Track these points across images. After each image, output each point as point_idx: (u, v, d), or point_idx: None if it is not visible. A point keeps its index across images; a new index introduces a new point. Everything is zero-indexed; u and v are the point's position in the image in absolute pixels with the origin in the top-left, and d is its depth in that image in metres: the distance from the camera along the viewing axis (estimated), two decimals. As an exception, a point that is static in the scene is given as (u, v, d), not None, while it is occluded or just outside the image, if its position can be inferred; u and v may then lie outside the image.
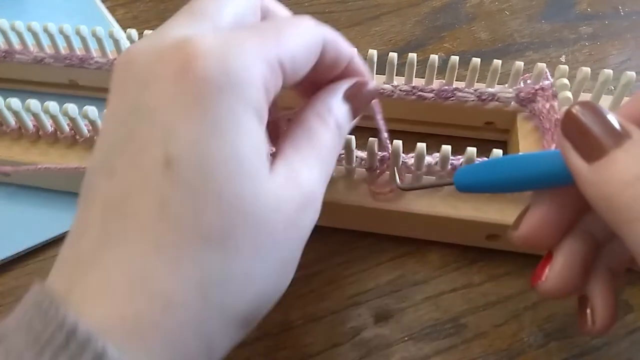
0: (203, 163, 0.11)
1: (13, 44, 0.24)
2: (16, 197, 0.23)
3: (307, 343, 0.18)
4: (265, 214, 0.12)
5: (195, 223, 0.11)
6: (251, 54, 0.12)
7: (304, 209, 0.13)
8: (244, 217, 0.11)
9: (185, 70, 0.11)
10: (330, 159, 0.15)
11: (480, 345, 0.18)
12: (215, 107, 0.11)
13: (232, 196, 0.11)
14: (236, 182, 0.11)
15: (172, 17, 0.14)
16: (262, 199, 0.12)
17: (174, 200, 0.11)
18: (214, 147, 0.11)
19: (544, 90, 0.21)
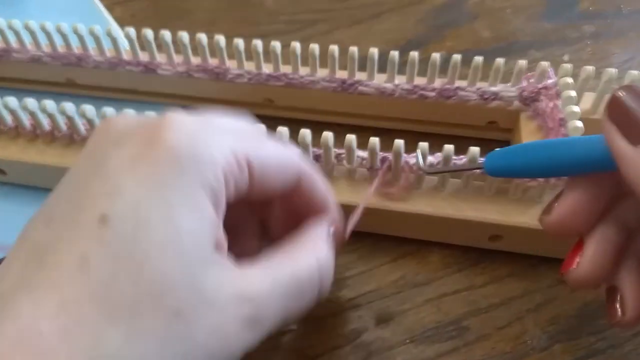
0: (136, 228, 0.11)
1: (10, 43, 0.24)
2: (13, 196, 0.23)
3: (307, 345, 0.18)
4: (185, 308, 0.11)
5: (107, 290, 0.10)
6: (220, 140, 0.12)
7: (237, 324, 0.12)
8: (159, 302, 0.11)
9: (154, 139, 0.12)
10: (302, 297, 0.13)
11: (483, 348, 0.18)
12: (169, 177, 0.11)
13: (153, 274, 0.11)
14: (163, 259, 0.11)
15: None
16: (187, 289, 0.11)
17: (96, 259, 0.10)
18: (155, 214, 0.11)
19: (548, 89, 0.21)
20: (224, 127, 0.13)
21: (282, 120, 0.24)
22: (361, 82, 0.22)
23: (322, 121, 0.24)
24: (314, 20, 0.29)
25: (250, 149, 0.13)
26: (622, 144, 0.11)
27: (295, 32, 0.29)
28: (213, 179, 0.12)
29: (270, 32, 0.29)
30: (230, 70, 0.23)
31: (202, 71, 0.23)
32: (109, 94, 0.25)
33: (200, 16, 0.30)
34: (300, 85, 0.23)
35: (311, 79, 0.22)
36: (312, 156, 0.19)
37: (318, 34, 0.28)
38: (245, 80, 0.23)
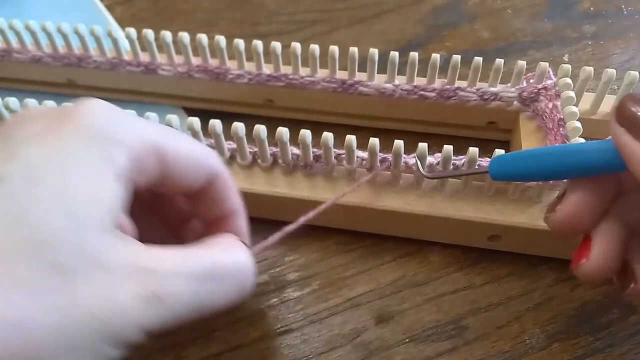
0: (27, 184, 0.11)
1: (11, 43, 0.24)
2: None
3: (307, 345, 0.18)
4: (73, 261, 0.10)
5: None
6: (133, 126, 0.13)
7: (130, 295, 0.11)
8: (40, 248, 0.10)
9: (67, 116, 0.12)
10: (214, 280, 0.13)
11: (482, 347, 0.18)
12: (73, 147, 0.11)
13: (37, 222, 0.10)
14: (51, 212, 0.11)
15: None
16: (77, 243, 0.11)
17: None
18: (49, 175, 0.11)
19: (547, 89, 0.21)
20: (139, 118, 0.13)
21: (282, 120, 0.24)
22: (361, 83, 0.22)
23: (322, 121, 0.24)
24: (314, 20, 0.29)
25: (162, 138, 0.13)
26: (632, 142, 0.12)
27: (295, 32, 0.29)
28: (120, 159, 0.12)
29: (270, 32, 0.29)
30: (230, 70, 0.23)
31: (202, 72, 0.23)
32: (109, 95, 0.25)
33: (200, 16, 0.30)
34: (300, 86, 0.23)
35: (311, 80, 0.22)
36: (312, 156, 0.20)
37: (318, 34, 0.28)
38: (245, 81, 0.23)
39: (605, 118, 0.22)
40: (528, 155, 0.14)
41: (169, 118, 0.19)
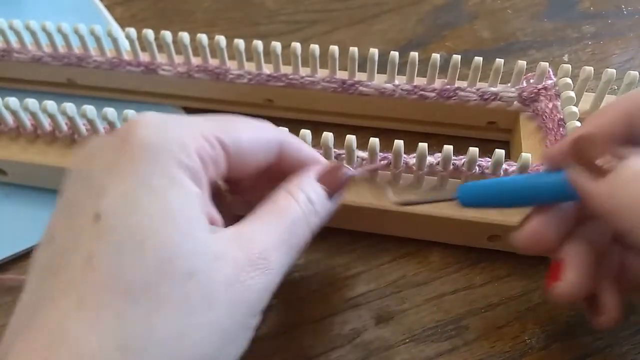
0: (129, 215, 0.11)
1: (11, 43, 0.24)
2: (14, 197, 0.23)
3: (307, 345, 0.18)
4: (197, 267, 0.11)
5: (118, 276, 0.11)
6: (188, 127, 0.13)
7: (250, 269, 0.12)
8: (169, 269, 0.11)
9: (125, 140, 0.12)
10: (296, 230, 0.14)
11: (482, 347, 0.18)
12: (146, 166, 0.12)
13: (157, 247, 0.11)
14: (163, 233, 0.11)
15: None
16: (193, 251, 0.11)
17: (99, 253, 0.11)
18: (143, 200, 0.12)
19: (547, 89, 0.21)
20: (189, 117, 0.14)
21: (282, 120, 0.24)
22: (361, 83, 0.22)
23: (322, 121, 0.24)
24: (314, 20, 0.29)
25: (219, 129, 0.13)
26: (587, 180, 0.13)
27: (295, 32, 0.29)
28: (188, 159, 0.12)
29: (270, 32, 0.29)
30: (230, 70, 0.23)
31: (202, 72, 0.23)
32: (109, 95, 0.25)
33: (200, 16, 0.30)
34: (300, 86, 0.23)
35: (311, 80, 0.22)
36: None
37: (318, 34, 0.28)
38: (245, 81, 0.23)
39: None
40: (495, 185, 0.15)
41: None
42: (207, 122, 0.13)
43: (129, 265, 0.11)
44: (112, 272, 0.11)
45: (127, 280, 0.11)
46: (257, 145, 0.14)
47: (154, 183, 0.12)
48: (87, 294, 0.11)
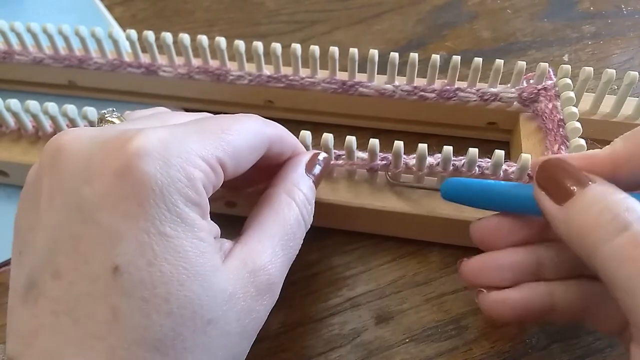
0: (149, 267, 0.12)
1: (12, 45, 0.24)
2: (16, 198, 0.23)
3: (307, 345, 0.18)
4: (215, 313, 0.12)
5: (146, 332, 0.11)
6: (190, 153, 0.12)
7: (259, 297, 0.13)
8: (193, 320, 0.12)
9: (127, 171, 0.12)
10: (295, 238, 0.15)
11: (482, 347, 0.18)
12: (157, 209, 0.12)
13: (180, 300, 0.12)
14: (182, 285, 0.12)
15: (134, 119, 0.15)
16: (211, 299, 0.12)
17: (125, 308, 0.11)
18: (160, 251, 0.12)
19: (547, 90, 0.21)
20: (187, 133, 0.13)
21: (283, 121, 0.24)
22: (361, 84, 0.22)
23: (322, 122, 0.24)
24: (314, 20, 0.29)
25: (219, 147, 0.13)
26: (550, 204, 0.13)
27: (295, 32, 0.29)
28: (195, 195, 0.12)
29: (270, 32, 0.29)
30: (230, 72, 0.23)
31: (202, 73, 0.23)
32: (110, 96, 0.25)
33: (200, 16, 0.30)
34: (300, 87, 0.23)
35: (311, 81, 0.22)
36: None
37: (318, 34, 0.28)
38: (245, 82, 0.23)
39: (605, 118, 0.22)
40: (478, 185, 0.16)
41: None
42: (205, 139, 0.13)
43: (157, 320, 0.11)
44: (139, 326, 0.11)
45: (155, 335, 0.11)
46: (251, 150, 0.14)
47: (167, 231, 0.12)
48: (116, 347, 0.11)
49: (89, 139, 0.13)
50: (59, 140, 0.13)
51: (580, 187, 0.13)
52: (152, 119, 0.15)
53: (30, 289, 0.12)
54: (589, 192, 0.13)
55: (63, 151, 0.13)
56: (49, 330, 0.12)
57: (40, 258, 0.12)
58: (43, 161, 0.13)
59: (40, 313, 0.12)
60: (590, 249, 0.12)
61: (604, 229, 0.12)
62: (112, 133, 0.13)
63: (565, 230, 0.13)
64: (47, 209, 0.12)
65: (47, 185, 0.13)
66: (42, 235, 0.12)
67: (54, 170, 0.13)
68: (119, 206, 0.12)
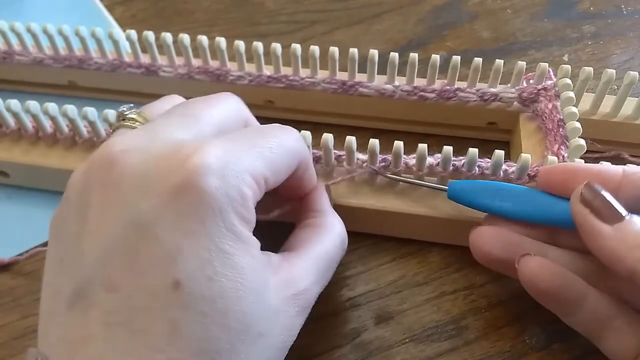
0: (208, 282, 0.12)
1: (13, 45, 0.24)
2: (16, 198, 0.23)
3: (307, 345, 0.18)
4: (265, 327, 0.13)
5: (204, 345, 0.12)
6: (245, 173, 0.13)
7: (297, 316, 0.14)
8: (246, 333, 0.12)
9: (187, 187, 0.12)
10: (333, 264, 0.16)
11: (482, 347, 0.18)
12: (215, 225, 0.12)
13: (237, 314, 0.12)
14: (239, 300, 0.12)
15: (161, 116, 0.15)
16: (262, 312, 0.13)
17: (184, 323, 0.12)
18: (217, 265, 0.12)
19: (547, 90, 0.21)
20: (240, 151, 0.13)
21: (283, 121, 0.24)
22: (361, 84, 0.22)
23: (322, 122, 0.24)
24: (314, 21, 0.29)
25: (268, 168, 0.14)
26: (599, 223, 0.14)
27: (295, 32, 0.29)
28: (248, 213, 0.13)
29: (270, 32, 0.29)
30: (231, 72, 0.23)
31: (203, 73, 0.23)
32: (110, 96, 0.25)
33: (200, 16, 0.30)
34: (300, 87, 0.23)
35: (311, 81, 0.23)
36: (313, 157, 0.20)
37: (318, 34, 0.28)
38: (245, 82, 0.23)
39: (605, 118, 0.22)
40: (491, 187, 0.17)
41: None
42: (253, 156, 0.13)
43: (215, 334, 0.12)
44: (198, 339, 0.12)
45: (213, 347, 0.12)
46: (288, 167, 0.15)
47: (226, 248, 0.12)
48: (177, 358, 0.11)
49: (143, 153, 0.13)
50: (110, 151, 0.13)
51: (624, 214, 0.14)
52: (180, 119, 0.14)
53: (79, 299, 0.12)
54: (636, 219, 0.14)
55: (117, 164, 0.13)
56: (102, 341, 0.12)
57: (91, 268, 0.12)
58: (92, 172, 0.13)
59: (91, 323, 0.12)
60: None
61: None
62: (166, 147, 0.13)
63: (615, 246, 0.14)
64: (99, 221, 0.12)
65: (98, 197, 0.13)
66: (92, 246, 0.12)
67: (107, 183, 0.13)
68: (180, 222, 0.12)
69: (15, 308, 0.20)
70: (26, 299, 0.20)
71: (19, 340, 0.19)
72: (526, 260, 0.16)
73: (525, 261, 0.16)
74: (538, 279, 0.15)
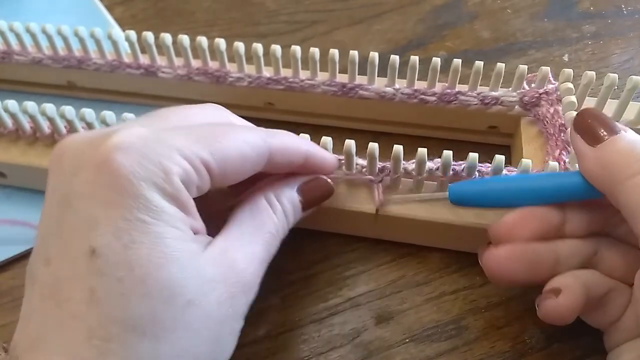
0: (126, 252, 0.12)
1: (11, 45, 0.24)
2: (15, 198, 0.23)
3: (307, 345, 0.18)
4: (193, 294, 0.13)
5: (123, 312, 0.12)
6: (171, 151, 0.13)
7: (238, 285, 0.14)
8: (171, 300, 0.12)
9: (105, 163, 0.13)
10: (272, 242, 0.15)
11: (482, 347, 0.18)
12: (133, 198, 0.12)
13: (156, 281, 0.12)
14: (160, 267, 0.12)
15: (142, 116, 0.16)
16: (189, 280, 0.13)
17: (101, 289, 0.12)
18: (134, 233, 0.12)
19: (548, 94, 0.21)
20: (171, 134, 0.13)
21: (282, 123, 0.24)
22: (361, 86, 0.22)
23: (322, 125, 0.24)
24: (314, 20, 0.29)
25: (205, 151, 0.14)
26: (584, 146, 0.15)
27: (295, 32, 0.29)
28: (171, 188, 0.13)
29: (270, 32, 0.29)
30: (230, 73, 0.23)
31: (202, 74, 0.23)
32: (109, 97, 0.25)
33: (200, 16, 0.30)
34: (300, 89, 0.23)
35: (311, 83, 0.22)
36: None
37: (318, 34, 0.28)
38: (245, 84, 0.23)
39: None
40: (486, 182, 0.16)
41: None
42: (190, 140, 0.13)
43: (134, 301, 0.12)
44: (117, 306, 0.12)
45: (133, 315, 0.12)
46: (243, 159, 0.14)
47: (144, 218, 0.12)
48: (95, 326, 0.12)
49: (83, 138, 0.14)
50: (60, 143, 0.14)
51: (613, 134, 0.15)
52: (149, 118, 0.15)
53: (30, 277, 0.13)
54: (621, 137, 0.15)
55: (62, 152, 0.14)
56: (39, 314, 0.12)
57: (37, 246, 0.13)
58: (49, 164, 0.14)
59: (33, 298, 0.13)
60: (617, 181, 0.14)
61: (631, 166, 0.14)
62: (101, 131, 0.14)
63: (594, 166, 0.15)
64: (46, 204, 0.14)
65: (49, 184, 0.14)
66: (40, 225, 0.14)
67: (54, 169, 0.14)
68: (98, 195, 0.12)
69: (15, 308, 0.20)
70: (26, 300, 0.20)
71: (19, 341, 0.19)
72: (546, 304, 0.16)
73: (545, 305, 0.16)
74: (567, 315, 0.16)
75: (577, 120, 0.16)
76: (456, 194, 0.16)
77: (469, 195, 0.16)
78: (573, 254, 0.16)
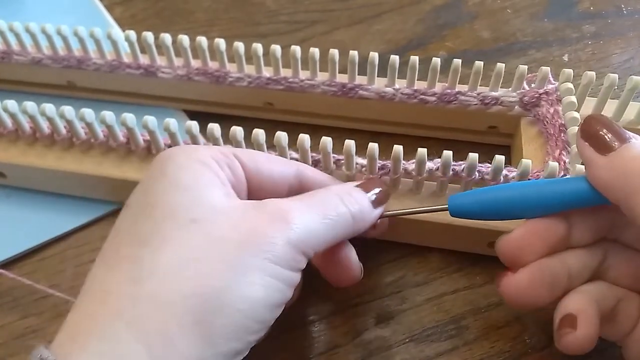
0: (144, 192, 0.15)
1: (11, 45, 0.24)
2: (13, 199, 0.23)
3: (308, 345, 0.18)
4: (199, 215, 0.14)
5: (132, 233, 0.14)
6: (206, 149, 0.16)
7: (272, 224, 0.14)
8: (175, 218, 0.14)
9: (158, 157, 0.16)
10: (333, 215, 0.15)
11: (482, 347, 0.18)
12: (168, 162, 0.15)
13: (163, 204, 0.14)
14: (169, 195, 0.14)
15: None
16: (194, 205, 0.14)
17: (121, 221, 0.15)
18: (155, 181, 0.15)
19: (548, 94, 0.21)
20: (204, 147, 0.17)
21: (283, 123, 0.24)
22: (361, 87, 0.22)
23: (322, 125, 0.24)
24: (314, 20, 0.29)
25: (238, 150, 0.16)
26: (594, 154, 0.15)
27: (295, 32, 0.29)
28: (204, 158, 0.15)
29: (270, 32, 0.29)
30: (230, 73, 0.23)
31: (202, 74, 0.23)
32: (109, 97, 0.25)
33: (200, 16, 0.30)
34: (300, 89, 0.23)
35: (311, 83, 0.22)
36: (312, 161, 0.19)
37: (318, 34, 0.28)
38: (245, 84, 0.23)
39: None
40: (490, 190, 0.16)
41: (167, 121, 0.19)
42: (227, 147, 0.16)
43: (141, 223, 0.14)
44: (128, 232, 0.14)
45: (139, 233, 0.14)
46: (275, 173, 0.16)
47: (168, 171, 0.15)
48: (109, 252, 0.14)
49: None
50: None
51: (623, 142, 0.14)
52: None
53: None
54: (633, 145, 0.14)
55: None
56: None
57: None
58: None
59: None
60: (634, 191, 0.14)
61: None
62: None
63: (606, 175, 0.14)
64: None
65: None
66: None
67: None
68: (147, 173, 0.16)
69: (15, 308, 0.20)
70: (26, 299, 0.20)
71: (18, 340, 0.19)
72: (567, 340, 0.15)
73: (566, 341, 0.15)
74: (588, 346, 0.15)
75: (584, 127, 0.15)
76: (457, 207, 0.16)
77: (470, 209, 0.16)
78: (584, 267, 0.16)
